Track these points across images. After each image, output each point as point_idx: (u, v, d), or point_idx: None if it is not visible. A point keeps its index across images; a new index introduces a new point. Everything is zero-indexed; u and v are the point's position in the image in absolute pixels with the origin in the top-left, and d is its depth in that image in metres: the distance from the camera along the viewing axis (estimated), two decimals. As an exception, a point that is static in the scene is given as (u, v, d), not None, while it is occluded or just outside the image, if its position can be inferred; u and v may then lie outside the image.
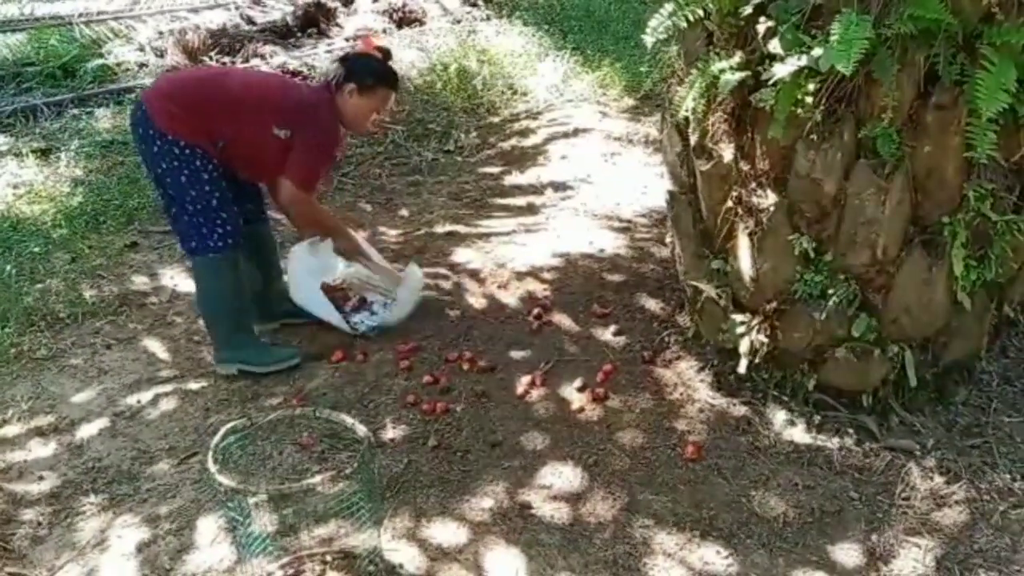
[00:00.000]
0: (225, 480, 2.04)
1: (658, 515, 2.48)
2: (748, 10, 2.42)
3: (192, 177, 2.91)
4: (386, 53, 3.08)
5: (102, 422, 2.93)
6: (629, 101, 5.87)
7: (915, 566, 2.30)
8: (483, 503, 2.54)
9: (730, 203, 2.72)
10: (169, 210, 3.05)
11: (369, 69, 2.99)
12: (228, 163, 2.99)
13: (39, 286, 3.72)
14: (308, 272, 3.30)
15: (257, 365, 3.11)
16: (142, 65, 6.26)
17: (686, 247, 2.98)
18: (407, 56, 6.48)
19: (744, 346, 2.77)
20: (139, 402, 3.03)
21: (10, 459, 2.76)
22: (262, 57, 6.50)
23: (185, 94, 2.98)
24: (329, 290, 3.40)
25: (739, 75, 2.43)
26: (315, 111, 2.98)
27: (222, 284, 3.09)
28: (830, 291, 2.59)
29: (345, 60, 3.07)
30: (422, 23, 7.55)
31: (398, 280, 3.41)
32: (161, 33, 6.67)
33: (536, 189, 4.73)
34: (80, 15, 6.69)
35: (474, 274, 3.80)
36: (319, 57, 6.59)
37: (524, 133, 5.46)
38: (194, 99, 2.95)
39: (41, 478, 2.68)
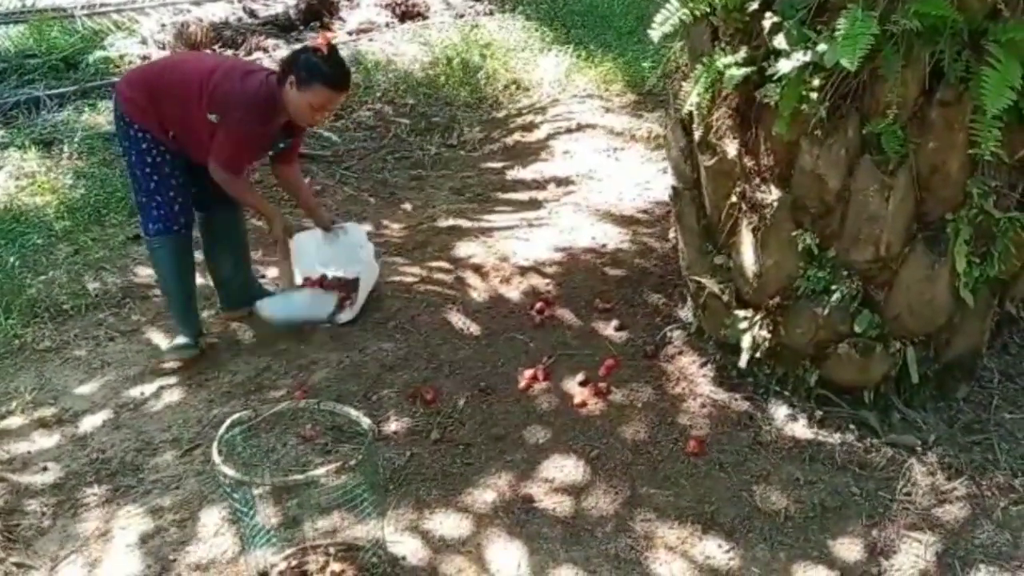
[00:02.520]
0: (229, 472, 2.05)
1: (660, 509, 2.49)
2: (754, 5, 2.42)
3: (138, 159, 3.03)
4: (331, 49, 2.99)
5: (105, 414, 2.93)
6: (632, 96, 5.86)
7: (916, 561, 2.31)
8: (486, 496, 2.55)
9: (734, 198, 2.72)
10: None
11: (308, 64, 2.94)
12: (182, 149, 3.07)
13: (42, 278, 3.72)
14: (305, 259, 3.47)
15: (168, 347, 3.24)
16: (144, 58, 6.25)
17: (689, 242, 2.99)
18: (410, 50, 6.48)
19: (746, 341, 2.77)
20: (142, 394, 3.03)
21: (14, 450, 2.77)
22: (264, 50, 6.50)
23: (145, 81, 3.08)
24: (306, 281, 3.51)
25: (744, 71, 2.43)
26: (244, 98, 2.96)
27: (161, 269, 3.23)
28: (833, 287, 2.60)
29: (292, 53, 3.10)
30: (425, 17, 7.54)
31: (291, 282, 3.40)
32: (164, 25, 6.66)
33: (539, 184, 4.73)
34: (82, 7, 6.68)
35: (477, 268, 3.80)
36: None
37: (527, 128, 5.46)
38: (152, 86, 3.04)
39: (45, 469, 2.69)
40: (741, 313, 2.79)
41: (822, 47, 2.20)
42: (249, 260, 3.52)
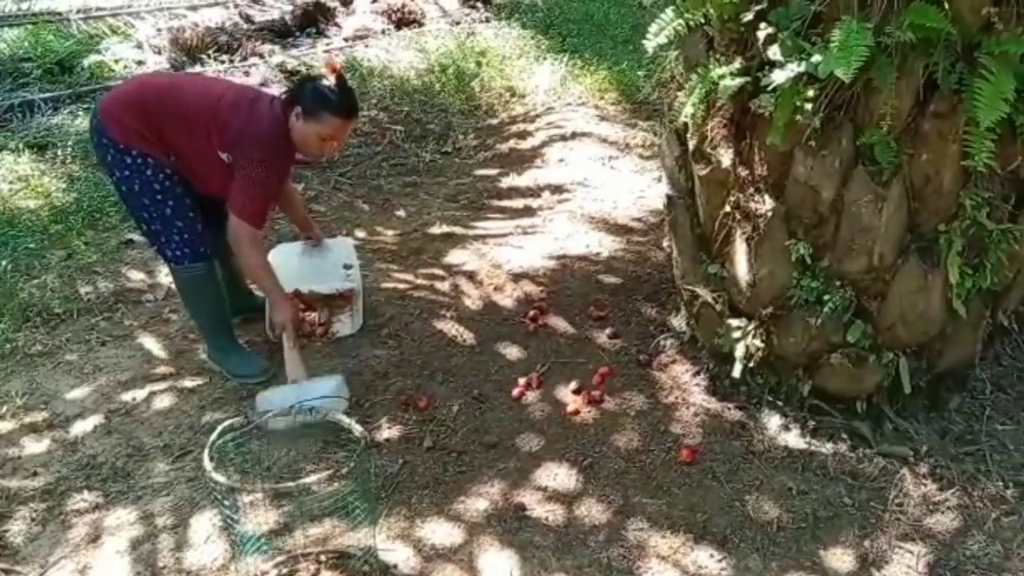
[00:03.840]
0: (221, 478, 2.04)
1: (652, 518, 2.49)
2: (749, 16, 2.42)
3: (143, 187, 2.85)
4: (339, 77, 2.85)
5: (96, 419, 2.92)
6: (627, 105, 5.87)
7: (907, 572, 2.31)
8: (478, 504, 2.54)
9: (728, 208, 2.73)
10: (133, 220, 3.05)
11: (316, 94, 2.79)
12: (183, 176, 2.91)
13: (34, 282, 3.70)
14: (285, 273, 3.29)
15: (230, 373, 3.12)
16: (140, 62, 6.25)
17: (683, 251, 2.99)
18: (405, 57, 6.49)
19: (739, 351, 2.78)
20: (134, 399, 3.02)
21: (4, 455, 2.75)
22: (260, 56, 6.49)
23: (138, 104, 2.86)
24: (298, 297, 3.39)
25: (739, 81, 2.44)
26: (255, 136, 2.80)
27: (193, 295, 3.09)
28: (826, 297, 2.60)
29: (298, 83, 2.94)
30: (421, 24, 7.54)
31: (302, 373, 2.96)
32: (159, 30, 6.65)
33: (533, 192, 4.73)
34: (78, 11, 6.67)
35: (470, 276, 3.80)
36: (317, 57, 6.59)
37: (522, 136, 5.47)
38: (147, 110, 2.84)
39: (35, 474, 2.68)
40: (734, 322, 2.80)
41: (816, 58, 2.21)
42: (243, 275, 3.42)
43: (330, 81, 2.82)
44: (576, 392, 3.01)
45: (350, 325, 3.39)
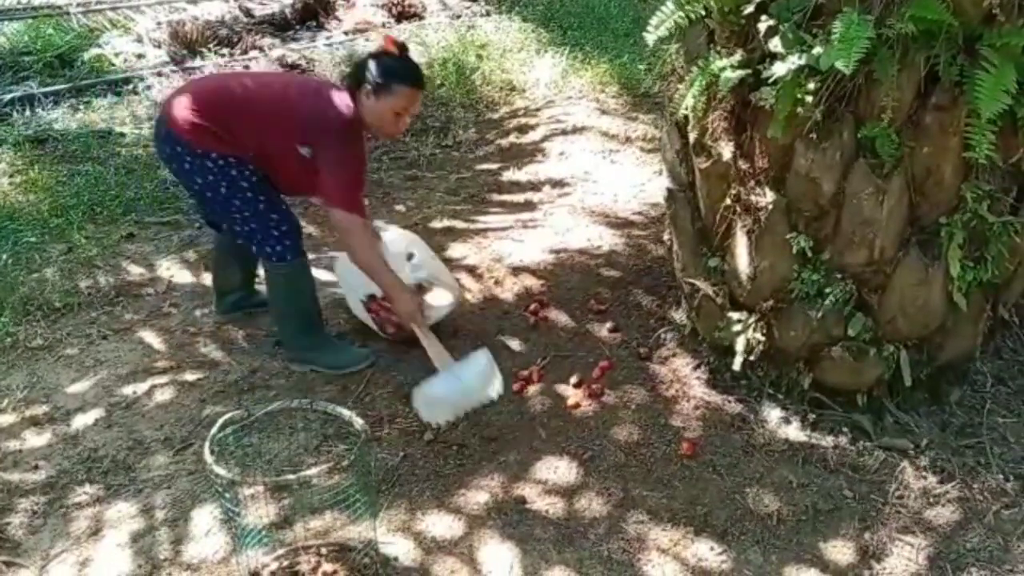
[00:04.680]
0: (221, 471, 2.04)
1: (653, 511, 2.49)
2: (749, 8, 2.42)
3: (231, 187, 2.81)
4: (401, 47, 2.86)
5: (97, 412, 2.92)
6: (627, 98, 5.86)
7: (908, 564, 2.31)
8: (478, 497, 2.55)
9: (728, 201, 2.72)
10: (222, 225, 3.04)
11: (383, 68, 2.76)
12: (266, 175, 2.88)
13: (35, 276, 3.70)
14: (350, 290, 3.29)
15: (329, 367, 3.08)
16: (140, 56, 6.24)
17: (684, 244, 2.99)
18: (406, 50, 6.47)
19: (740, 344, 2.78)
20: (135, 393, 3.02)
21: (5, 448, 2.75)
22: (260, 49, 6.48)
23: (210, 106, 2.82)
24: (376, 304, 3.33)
25: (739, 73, 2.44)
26: (330, 124, 2.79)
27: (290, 293, 3.05)
28: (827, 290, 2.60)
29: (361, 62, 2.87)
30: (421, 17, 7.53)
31: (446, 362, 2.87)
32: (159, 24, 6.65)
33: (534, 185, 4.72)
34: (78, 4, 6.67)
35: (471, 270, 3.80)
36: (318, 50, 6.58)
37: (522, 129, 5.46)
38: (220, 112, 2.81)
39: (36, 468, 2.68)
40: (735, 315, 2.79)
41: (817, 50, 2.20)
42: (255, 275, 3.40)
43: (391, 52, 2.80)
44: (576, 385, 3.01)
45: (447, 305, 3.28)
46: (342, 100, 2.82)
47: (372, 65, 2.78)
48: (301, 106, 2.81)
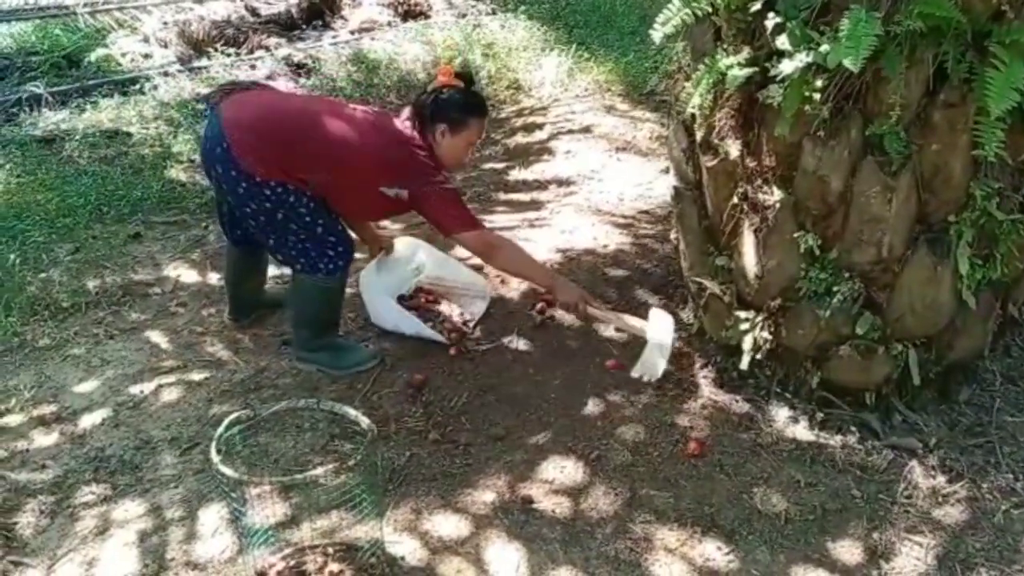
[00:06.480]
0: (228, 471, 2.04)
1: (660, 511, 2.48)
2: (756, 6, 2.40)
3: (289, 213, 2.78)
4: (467, 79, 2.88)
5: (104, 412, 2.93)
6: (634, 97, 5.86)
7: (916, 564, 2.30)
8: (485, 497, 2.54)
9: (736, 200, 2.71)
10: (265, 244, 3.00)
11: (457, 105, 2.81)
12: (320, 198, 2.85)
13: (42, 275, 3.72)
14: (379, 293, 3.30)
15: (336, 367, 3.08)
16: (146, 56, 6.25)
17: (691, 243, 2.98)
18: (412, 49, 6.47)
19: (747, 343, 2.77)
20: (142, 392, 3.03)
21: (12, 448, 2.76)
22: (266, 49, 6.49)
23: (272, 131, 2.76)
24: (412, 303, 3.42)
25: (746, 71, 2.42)
26: (422, 161, 2.81)
27: (323, 304, 3.05)
28: (835, 288, 2.59)
29: (428, 100, 2.85)
30: (427, 16, 7.53)
31: (641, 322, 2.94)
32: (166, 23, 6.66)
33: (540, 184, 4.72)
34: (84, 4, 6.67)
35: (477, 268, 3.79)
36: (323, 49, 6.58)
37: (529, 129, 5.45)
38: (283, 138, 2.74)
39: (43, 467, 2.69)
40: (742, 314, 2.78)
41: (825, 48, 2.18)
42: (265, 273, 3.42)
43: (456, 85, 2.84)
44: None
45: (481, 303, 3.44)
46: (413, 136, 2.85)
47: (444, 104, 2.81)
48: (387, 152, 2.82)
